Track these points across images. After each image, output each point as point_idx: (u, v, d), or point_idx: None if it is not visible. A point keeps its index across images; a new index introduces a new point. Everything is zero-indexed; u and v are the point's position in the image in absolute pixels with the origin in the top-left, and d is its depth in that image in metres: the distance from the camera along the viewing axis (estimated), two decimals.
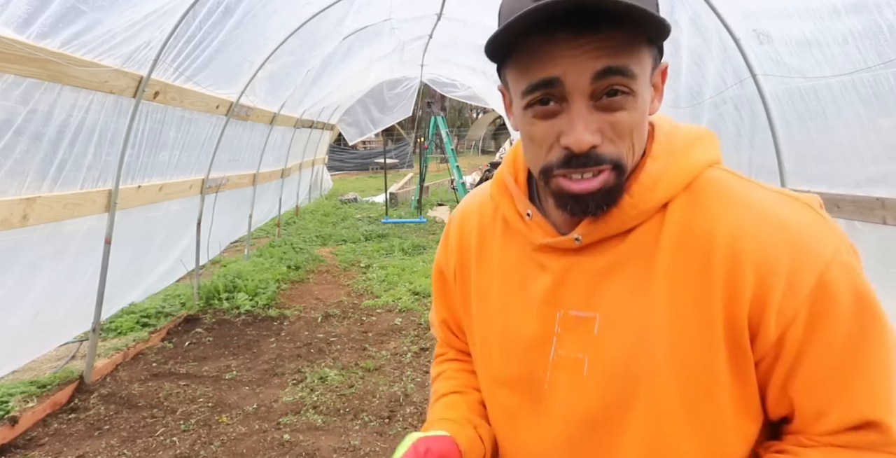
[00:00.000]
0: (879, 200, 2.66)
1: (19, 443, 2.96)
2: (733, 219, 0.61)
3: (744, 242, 0.59)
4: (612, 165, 0.61)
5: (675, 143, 0.67)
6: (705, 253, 0.61)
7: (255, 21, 4.35)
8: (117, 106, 3.33)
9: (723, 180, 0.65)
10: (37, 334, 3.23)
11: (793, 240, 0.58)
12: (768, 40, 3.16)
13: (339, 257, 7.49)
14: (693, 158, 0.66)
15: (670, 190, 0.64)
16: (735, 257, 0.59)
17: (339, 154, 22.88)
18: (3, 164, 2.59)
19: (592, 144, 0.59)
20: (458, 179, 11.40)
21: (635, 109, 0.59)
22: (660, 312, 0.62)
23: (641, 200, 0.64)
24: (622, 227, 0.65)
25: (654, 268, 0.63)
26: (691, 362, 0.61)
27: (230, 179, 5.72)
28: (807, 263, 0.57)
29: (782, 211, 0.60)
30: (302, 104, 7.52)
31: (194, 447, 2.94)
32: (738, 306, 0.59)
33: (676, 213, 0.64)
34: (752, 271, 0.58)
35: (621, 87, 0.58)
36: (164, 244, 4.67)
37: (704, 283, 0.60)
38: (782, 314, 0.57)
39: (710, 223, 0.61)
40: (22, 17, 2.43)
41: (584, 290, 0.67)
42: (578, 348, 0.67)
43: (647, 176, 0.64)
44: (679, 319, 0.61)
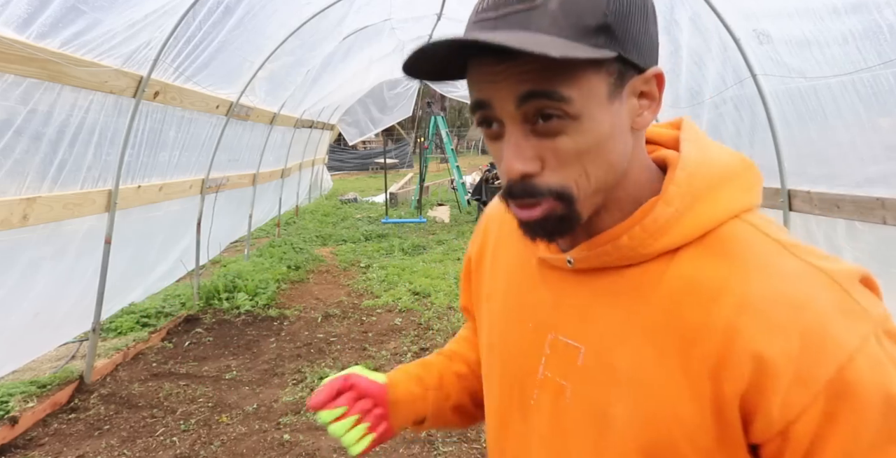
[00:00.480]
0: (879, 200, 2.66)
1: (19, 443, 2.96)
2: (744, 287, 0.54)
3: (749, 317, 0.53)
4: (553, 196, 0.56)
5: (698, 184, 0.59)
6: (701, 314, 0.55)
7: (255, 21, 4.35)
8: (117, 106, 3.33)
9: (747, 239, 0.57)
10: (37, 334, 3.23)
11: (809, 325, 0.51)
12: (768, 40, 3.16)
13: (339, 257, 7.49)
14: (716, 206, 0.59)
15: (679, 240, 0.59)
16: (733, 329, 0.53)
17: (339, 154, 22.89)
18: (3, 164, 2.59)
19: (524, 172, 0.55)
20: (458, 179, 11.40)
21: (580, 133, 0.54)
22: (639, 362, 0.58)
23: (641, 244, 0.59)
24: (618, 263, 0.62)
25: (646, 314, 0.59)
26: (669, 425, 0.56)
27: (230, 179, 5.72)
28: (823, 353, 0.50)
29: (804, 289, 0.53)
30: (302, 104, 7.52)
31: (194, 447, 2.94)
32: (728, 381, 0.53)
33: (685, 264, 0.58)
34: (751, 354, 0.52)
35: (552, 110, 0.53)
36: (164, 244, 4.68)
37: (691, 346, 0.55)
38: (788, 406, 0.51)
39: (717, 285, 0.55)
40: (22, 17, 2.43)
41: (575, 317, 0.65)
42: (563, 375, 0.65)
43: (654, 222, 0.59)
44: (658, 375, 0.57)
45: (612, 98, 0.55)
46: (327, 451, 2.89)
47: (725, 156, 0.63)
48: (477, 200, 10.05)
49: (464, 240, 8.56)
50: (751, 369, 0.52)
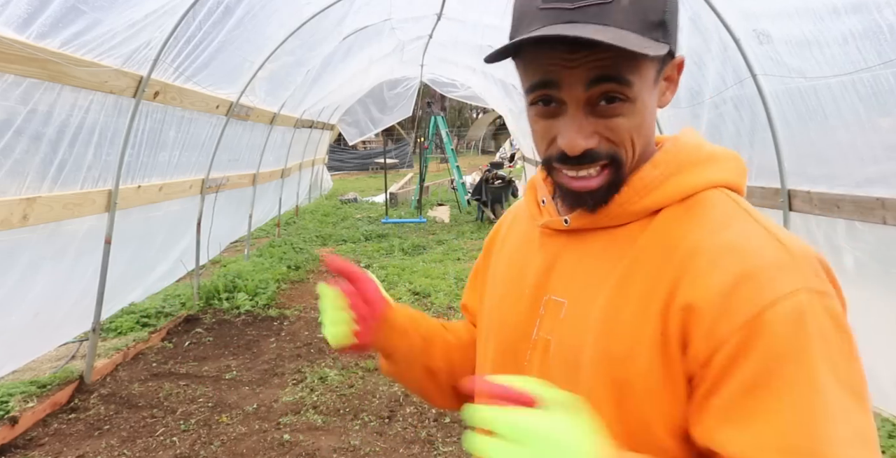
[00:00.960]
0: (879, 200, 2.66)
1: (19, 443, 2.96)
2: (700, 237, 0.61)
3: (697, 258, 0.59)
4: (608, 160, 0.63)
5: (684, 156, 0.67)
6: (661, 261, 0.62)
7: (255, 21, 4.35)
8: (117, 106, 3.33)
9: (716, 202, 0.65)
10: (37, 334, 3.23)
11: (746, 269, 0.57)
12: (768, 40, 3.16)
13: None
14: (696, 175, 0.66)
15: (661, 199, 0.65)
16: (682, 270, 0.60)
17: (339, 154, 22.87)
18: (3, 164, 2.58)
19: (586, 148, 0.62)
20: (458, 179, 11.40)
21: (633, 114, 0.61)
22: (606, 306, 0.64)
23: (627, 201, 0.66)
24: (607, 222, 0.68)
25: (621, 265, 0.65)
26: (622, 359, 0.61)
27: (230, 179, 5.72)
28: (752, 294, 0.55)
29: (752, 242, 0.59)
30: (302, 104, 7.52)
31: (194, 447, 2.94)
32: (670, 320, 0.59)
33: (662, 221, 0.65)
34: (693, 287, 0.58)
35: (617, 94, 0.60)
36: (164, 244, 4.67)
37: (650, 289, 0.61)
38: (712, 336, 0.56)
39: (681, 236, 0.62)
40: (22, 17, 2.43)
41: (565, 276, 0.70)
42: (549, 330, 0.70)
43: (640, 180, 0.66)
44: (619, 317, 0.63)
45: (655, 83, 0.63)
46: (327, 451, 2.90)
47: (716, 147, 0.70)
48: (477, 200, 10.05)
49: (464, 240, 8.56)
50: (688, 300, 0.58)
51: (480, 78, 8.96)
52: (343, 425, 3.17)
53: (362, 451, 2.90)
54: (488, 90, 9.47)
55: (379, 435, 3.06)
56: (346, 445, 2.95)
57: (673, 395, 0.60)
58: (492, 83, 8.68)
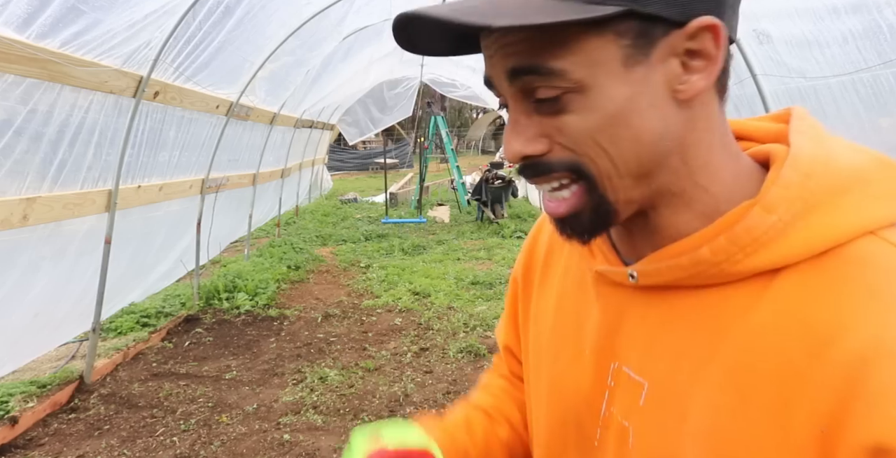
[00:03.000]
0: None
1: (19, 443, 2.96)
2: (875, 331, 0.39)
3: (880, 370, 0.38)
4: (570, 173, 0.48)
5: (814, 186, 0.45)
6: (808, 359, 0.41)
7: (255, 21, 4.35)
8: (117, 106, 3.33)
9: (885, 264, 0.42)
10: (37, 334, 3.23)
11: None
12: (768, 40, 3.16)
13: (339, 257, 7.49)
14: (840, 217, 0.44)
15: (782, 258, 0.45)
16: (854, 386, 0.39)
17: (339, 154, 22.88)
18: (3, 164, 2.59)
19: (522, 153, 0.48)
20: (458, 179, 11.41)
21: (588, 109, 0.45)
22: (720, 413, 0.46)
23: (727, 260, 0.46)
24: (696, 282, 0.49)
25: (730, 351, 0.46)
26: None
27: (230, 179, 5.72)
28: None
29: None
30: (302, 104, 7.52)
31: (194, 447, 2.94)
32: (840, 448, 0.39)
33: (788, 286, 0.45)
34: (873, 424, 0.37)
35: (544, 87, 0.45)
36: (164, 244, 4.68)
37: (791, 393, 0.42)
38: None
39: (837, 320, 0.41)
40: (22, 17, 2.43)
41: (641, 345, 0.53)
42: (625, 415, 0.54)
43: (748, 233, 0.45)
44: (736, 420, 0.45)
45: (632, 64, 0.44)
46: (327, 451, 2.89)
47: (854, 154, 0.48)
48: (477, 200, 10.05)
49: (464, 240, 8.56)
50: (877, 448, 0.37)
51: (480, 78, 8.96)
52: (343, 425, 3.17)
53: None
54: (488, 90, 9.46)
55: None
56: (345, 445, 2.95)
57: None
58: None
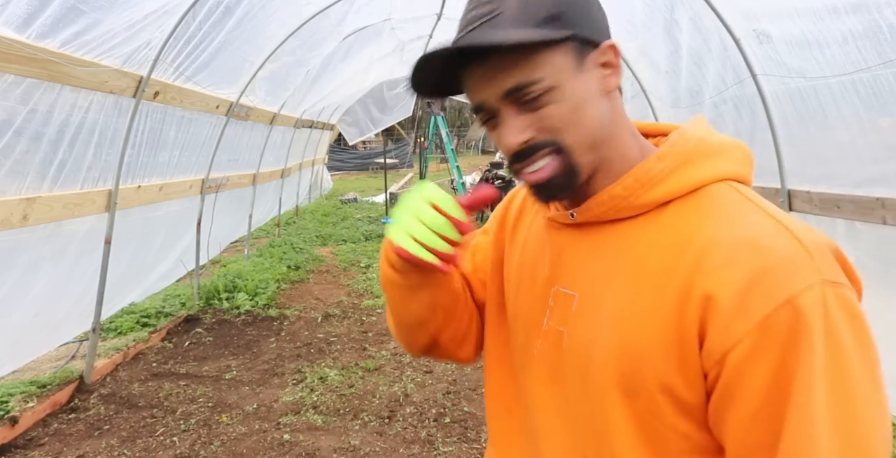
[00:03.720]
0: (879, 200, 2.66)
1: (19, 443, 2.96)
2: (714, 231, 0.61)
3: (711, 253, 0.59)
4: (552, 148, 0.65)
5: (691, 148, 0.68)
6: (677, 256, 0.62)
7: (255, 21, 4.35)
8: (117, 106, 3.33)
9: (726, 195, 0.65)
10: (37, 334, 3.23)
11: (760, 264, 0.56)
12: (768, 40, 3.16)
13: (339, 257, 7.49)
14: (704, 168, 0.66)
15: (668, 192, 0.66)
16: (698, 265, 0.60)
17: (339, 154, 22.87)
18: (3, 164, 2.59)
19: (520, 141, 0.65)
20: (458, 179, 11.40)
21: (562, 99, 0.64)
22: (619, 301, 0.65)
23: (633, 194, 0.67)
24: (612, 215, 0.69)
25: (631, 259, 0.66)
26: (637, 355, 0.62)
27: (230, 179, 5.72)
28: (768, 290, 0.55)
29: (766, 236, 0.59)
30: (302, 104, 7.52)
31: (194, 447, 2.94)
32: (688, 314, 0.59)
33: (671, 214, 0.66)
34: (707, 284, 0.58)
35: (531, 94, 0.63)
36: (164, 244, 4.67)
37: (664, 283, 0.62)
38: (728, 334, 0.56)
39: (693, 230, 0.62)
40: (22, 17, 2.43)
41: (573, 268, 0.72)
42: (561, 322, 0.71)
43: (646, 173, 0.66)
44: (633, 311, 0.63)
45: (579, 70, 0.65)
46: (327, 451, 2.89)
47: (724, 137, 0.70)
48: None
49: None
50: (702, 302, 0.58)
51: None
52: (343, 425, 3.17)
53: (362, 451, 2.90)
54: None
55: (379, 435, 3.06)
56: (346, 445, 2.95)
57: (688, 386, 0.60)
58: None
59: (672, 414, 0.62)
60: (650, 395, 0.62)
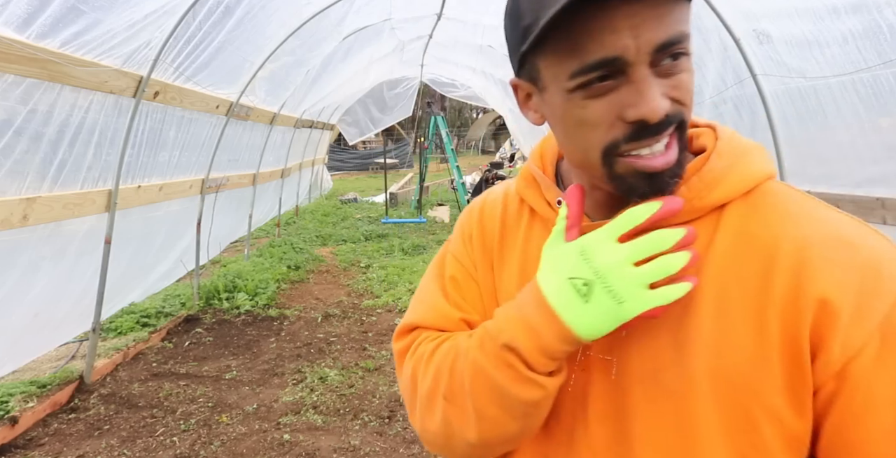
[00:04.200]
0: (879, 200, 2.66)
1: (19, 443, 2.96)
2: (801, 231, 0.55)
3: (811, 255, 0.53)
4: (677, 124, 0.56)
5: (737, 145, 0.63)
6: (765, 262, 0.55)
7: (255, 21, 4.35)
8: (117, 106, 3.33)
9: (784, 193, 0.60)
10: (37, 334, 3.23)
11: (866, 263, 0.52)
12: (768, 40, 3.16)
13: (339, 257, 7.49)
14: (754, 166, 0.61)
15: (730, 192, 0.59)
16: (800, 269, 0.53)
17: (339, 154, 22.87)
18: (3, 164, 2.58)
19: (666, 111, 0.53)
20: (458, 179, 11.41)
21: (691, 69, 0.56)
22: (703, 318, 0.56)
23: (698, 195, 0.59)
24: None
25: (701, 270, 0.57)
26: (736, 379, 0.54)
27: (230, 179, 5.72)
28: (881, 289, 0.51)
29: (855, 232, 0.55)
30: (302, 104, 7.52)
31: (194, 447, 2.94)
32: (799, 322, 0.52)
33: (733, 217, 0.59)
34: (817, 288, 0.52)
35: (682, 50, 0.54)
36: (164, 244, 4.67)
37: (761, 294, 0.54)
38: (849, 341, 0.50)
39: (773, 232, 0.56)
40: (22, 18, 2.43)
41: None
42: (606, 351, 0.61)
43: (710, 172, 0.60)
44: (726, 329, 0.55)
45: None
46: (327, 451, 2.89)
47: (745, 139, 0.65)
48: None
49: None
50: (817, 304, 0.52)
51: (480, 78, 8.96)
52: (343, 425, 3.17)
53: (362, 451, 2.90)
54: (488, 90, 9.47)
55: (379, 435, 3.06)
56: (346, 445, 2.95)
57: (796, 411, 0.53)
58: (492, 83, 8.68)
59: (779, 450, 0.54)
60: (753, 425, 0.54)
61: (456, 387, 0.63)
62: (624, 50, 0.51)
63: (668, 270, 0.52)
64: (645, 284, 0.52)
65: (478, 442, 0.64)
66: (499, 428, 0.62)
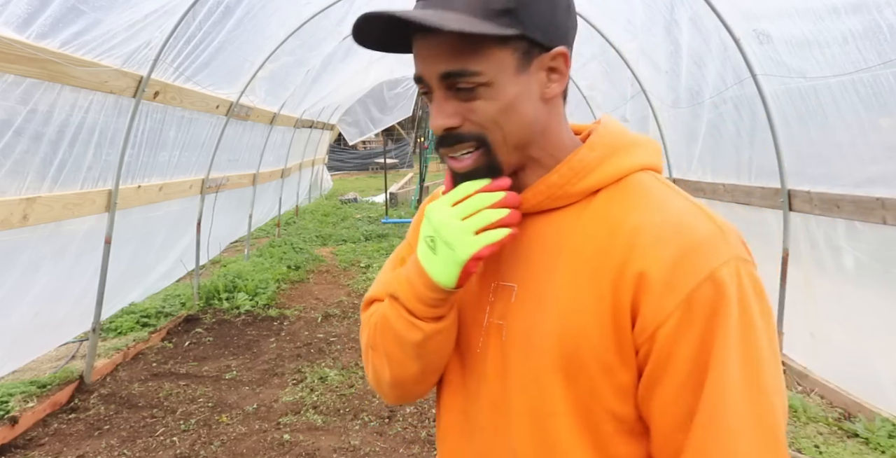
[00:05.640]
0: (879, 200, 2.66)
1: (19, 443, 2.96)
2: (641, 215, 0.64)
3: (642, 235, 0.63)
4: (476, 143, 0.66)
5: (616, 140, 0.71)
6: (609, 240, 0.65)
7: (255, 21, 4.35)
8: (117, 106, 3.33)
9: (648, 183, 0.69)
10: (37, 334, 3.23)
11: (685, 243, 0.61)
12: (768, 40, 3.16)
13: (339, 257, 7.49)
14: (629, 158, 0.70)
15: (599, 180, 0.69)
16: (630, 246, 0.63)
17: (339, 154, 22.86)
18: (3, 164, 2.59)
19: (447, 126, 0.65)
20: None
21: (494, 98, 0.64)
22: (559, 286, 0.66)
23: (568, 182, 0.69)
24: (548, 204, 0.70)
25: (568, 245, 0.67)
26: (578, 338, 0.64)
27: (230, 179, 5.72)
28: (693, 265, 0.59)
29: (687, 218, 0.63)
30: (302, 104, 7.52)
31: (194, 447, 2.94)
32: (623, 292, 0.62)
33: (600, 202, 0.68)
34: (639, 264, 0.61)
35: (465, 84, 0.63)
36: (164, 244, 4.67)
37: (601, 267, 0.64)
38: (658, 310, 0.60)
39: (622, 215, 0.65)
40: (22, 18, 2.43)
41: (514, 260, 0.72)
42: (500, 315, 0.71)
43: (580, 162, 0.69)
44: (572, 295, 0.65)
45: (520, 71, 0.64)
46: (327, 451, 2.89)
47: (636, 133, 0.75)
48: None
49: None
50: (637, 276, 0.61)
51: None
52: (343, 425, 3.17)
53: (362, 451, 2.90)
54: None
55: (379, 435, 3.06)
56: (346, 445, 2.95)
57: (624, 365, 0.63)
58: None
59: (610, 396, 0.64)
60: (590, 375, 0.64)
61: (377, 337, 0.79)
62: (422, 74, 0.66)
63: (486, 219, 0.65)
64: (470, 232, 0.65)
65: (392, 381, 0.79)
66: (403, 368, 0.76)
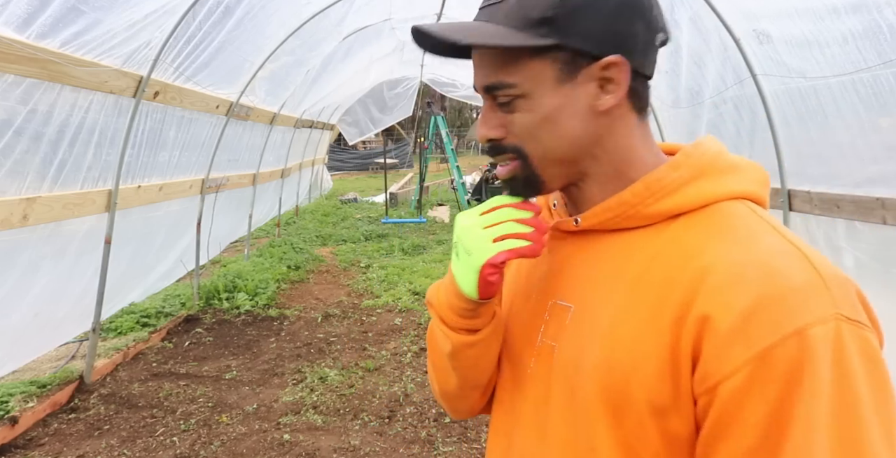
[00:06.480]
0: (879, 200, 2.66)
1: (19, 443, 2.96)
2: (721, 249, 0.56)
3: (715, 273, 0.54)
4: (514, 154, 0.65)
5: (706, 162, 0.63)
6: (679, 271, 0.57)
7: (255, 21, 4.35)
8: (117, 106, 3.33)
9: (739, 213, 0.60)
10: (37, 334, 3.23)
11: (768, 290, 0.51)
12: (768, 40, 3.16)
13: (339, 257, 7.49)
14: (719, 183, 0.62)
15: (680, 204, 0.61)
16: (699, 283, 0.55)
17: (339, 154, 22.86)
18: (3, 164, 2.58)
19: (486, 136, 0.66)
20: (458, 179, 11.42)
21: (531, 111, 0.62)
22: (615, 313, 0.60)
23: (642, 202, 0.62)
24: (619, 223, 0.64)
25: (631, 269, 0.61)
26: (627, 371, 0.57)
27: (230, 179, 5.72)
28: (775, 318, 0.50)
29: (777, 260, 0.53)
30: (302, 104, 7.51)
31: (194, 447, 2.94)
32: (683, 334, 0.55)
33: (679, 228, 0.61)
34: (706, 305, 0.53)
35: (503, 97, 0.63)
36: (164, 244, 4.67)
37: (665, 297, 0.57)
38: (724, 361, 0.51)
39: (700, 246, 0.58)
40: (22, 18, 2.43)
41: (573, 279, 0.68)
42: (553, 337, 0.67)
43: (658, 181, 0.62)
44: (630, 324, 0.59)
45: (562, 82, 0.61)
46: (327, 451, 2.89)
47: (738, 156, 0.67)
48: (477, 200, 10.06)
49: None
50: (699, 323, 0.53)
51: None
52: (343, 425, 3.17)
53: (362, 451, 2.90)
54: None
55: (379, 435, 3.06)
56: (346, 445, 2.95)
57: (678, 412, 0.55)
58: None
59: (659, 444, 0.56)
60: (639, 416, 0.57)
61: (428, 343, 0.79)
62: (475, 84, 0.66)
63: (506, 230, 0.64)
64: (488, 239, 0.64)
65: (439, 392, 0.80)
66: (444, 379, 0.77)
